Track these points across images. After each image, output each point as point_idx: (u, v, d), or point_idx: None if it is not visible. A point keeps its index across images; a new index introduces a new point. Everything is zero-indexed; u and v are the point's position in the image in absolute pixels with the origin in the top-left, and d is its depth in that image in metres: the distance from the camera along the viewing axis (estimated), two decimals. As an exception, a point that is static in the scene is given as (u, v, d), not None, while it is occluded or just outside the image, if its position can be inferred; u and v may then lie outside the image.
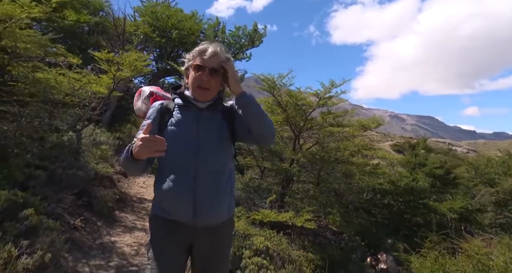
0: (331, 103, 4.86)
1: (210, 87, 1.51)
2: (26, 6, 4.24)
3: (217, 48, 1.51)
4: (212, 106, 1.57)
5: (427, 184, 6.88)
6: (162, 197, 1.51)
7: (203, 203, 1.47)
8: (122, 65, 6.44)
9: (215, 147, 1.54)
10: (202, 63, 1.49)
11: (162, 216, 1.52)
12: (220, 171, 1.55)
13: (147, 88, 1.84)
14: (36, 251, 2.87)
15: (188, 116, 1.55)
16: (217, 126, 1.57)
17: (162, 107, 1.59)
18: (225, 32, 15.51)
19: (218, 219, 1.54)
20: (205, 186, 1.48)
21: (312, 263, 3.60)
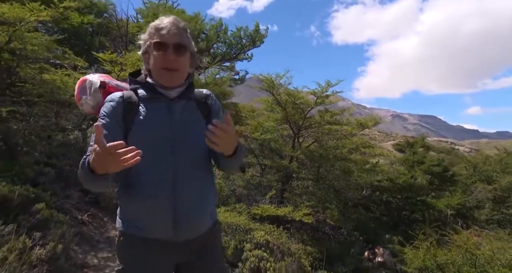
0: (328, 102, 5.02)
1: (178, 67, 1.24)
2: (35, 9, 4.41)
3: (174, 18, 1.25)
4: (185, 94, 1.30)
5: (425, 182, 7.01)
6: (134, 210, 1.24)
7: (184, 214, 1.23)
8: (125, 65, 6.61)
9: (195, 145, 1.27)
10: (163, 40, 1.20)
11: (135, 234, 1.24)
12: (202, 174, 1.30)
13: (95, 78, 1.44)
14: (48, 242, 3.04)
15: (158, 110, 1.25)
16: (194, 119, 1.31)
17: (124, 101, 1.24)
18: (227, 32, 15.68)
19: (201, 230, 1.31)
20: (186, 194, 1.23)
21: (311, 255, 3.75)
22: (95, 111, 1.40)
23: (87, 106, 1.44)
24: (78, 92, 1.45)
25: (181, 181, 1.22)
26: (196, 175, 1.28)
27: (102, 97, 1.36)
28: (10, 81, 4.92)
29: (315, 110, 5.28)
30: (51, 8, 4.98)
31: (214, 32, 15.19)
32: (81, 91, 1.44)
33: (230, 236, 3.98)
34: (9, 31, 4.40)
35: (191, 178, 1.25)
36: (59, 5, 5.00)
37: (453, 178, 7.41)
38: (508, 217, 6.36)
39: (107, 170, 0.98)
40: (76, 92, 1.46)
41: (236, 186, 5.09)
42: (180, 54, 1.23)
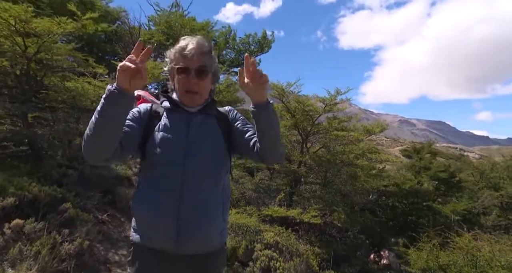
0: (336, 109, 5.22)
1: (199, 90, 1.31)
2: (62, 22, 4.74)
3: (198, 41, 1.29)
4: (205, 109, 1.37)
5: (432, 187, 7.11)
6: (141, 219, 1.27)
7: (188, 224, 1.22)
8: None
9: (206, 158, 1.30)
10: (186, 65, 1.27)
11: (142, 244, 1.27)
12: (211, 187, 1.30)
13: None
14: (75, 239, 3.30)
15: (178, 121, 1.33)
16: (211, 133, 1.35)
17: (150, 111, 1.35)
18: (236, 39, 16.02)
19: (206, 246, 1.28)
20: (191, 204, 1.23)
21: (318, 256, 3.92)
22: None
23: None
24: None
25: (188, 191, 1.23)
26: (205, 188, 1.28)
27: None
28: (36, 89, 5.25)
29: (324, 117, 5.48)
30: (74, 20, 5.33)
31: (223, 39, 15.56)
32: None
33: (241, 236, 4.17)
34: (38, 43, 4.74)
35: (199, 190, 1.26)
36: (82, 17, 5.33)
37: (459, 184, 7.49)
38: None
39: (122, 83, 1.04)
40: None
41: (245, 189, 5.31)
42: (201, 78, 1.29)
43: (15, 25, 4.39)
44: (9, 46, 4.67)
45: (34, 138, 4.92)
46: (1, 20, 4.36)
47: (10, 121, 5.21)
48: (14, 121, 5.22)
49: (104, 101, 1.07)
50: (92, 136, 1.11)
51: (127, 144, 1.22)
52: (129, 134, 1.24)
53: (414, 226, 6.12)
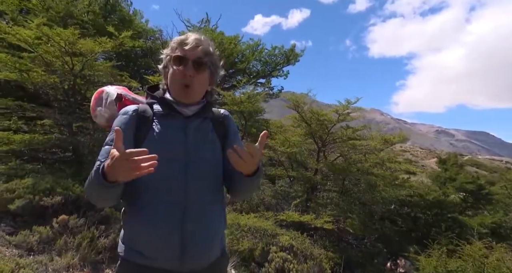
0: (350, 118, 5.38)
1: (195, 83, 1.19)
2: (103, 42, 5.40)
3: (201, 36, 1.23)
4: (201, 112, 1.26)
5: (458, 199, 6.89)
6: (138, 234, 1.13)
7: (193, 242, 1.13)
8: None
9: (207, 166, 1.21)
10: (184, 54, 1.18)
11: (137, 261, 1.13)
12: (214, 196, 1.23)
13: (112, 90, 1.41)
14: (110, 234, 3.75)
15: (172, 127, 1.20)
16: (209, 138, 1.25)
17: (138, 115, 1.19)
18: (263, 51, 16.50)
19: (210, 260, 1.20)
20: (196, 218, 1.14)
21: (332, 261, 4.06)
22: (109, 124, 1.34)
23: (101, 118, 1.40)
24: (94, 103, 1.41)
25: (192, 205, 1.14)
26: (208, 198, 1.20)
27: (118, 110, 1.31)
28: (80, 102, 5.95)
29: (341, 125, 5.65)
30: (112, 39, 6.01)
31: (251, 51, 16.12)
32: (97, 103, 1.40)
33: (258, 239, 4.41)
34: (83, 61, 5.43)
35: (203, 201, 1.18)
36: (119, 36, 6.01)
37: (489, 197, 7.18)
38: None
39: (117, 178, 0.94)
40: (92, 103, 1.41)
41: (265, 195, 5.56)
42: (199, 71, 1.19)
43: (65, 47, 5.09)
44: (60, 65, 5.40)
45: (77, 145, 5.58)
46: (54, 43, 5.08)
47: (58, 130, 5.93)
48: (61, 130, 5.93)
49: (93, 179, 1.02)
50: (92, 198, 1.11)
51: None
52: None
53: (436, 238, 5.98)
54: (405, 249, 5.00)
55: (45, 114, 5.63)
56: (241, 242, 4.31)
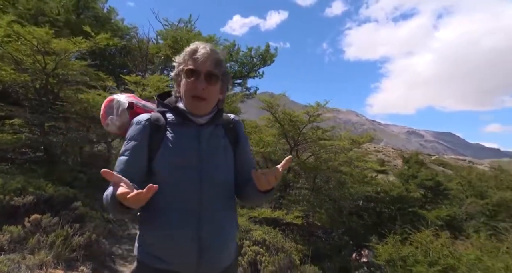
0: (320, 120, 5.73)
1: (207, 96, 1.22)
2: (78, 42, 5.38)
3: (212, 48, 1.24)
4: (213, 120, 1.28)
5: (419, 194, 7.46)
6: (157, 239, 1.16)
7: (209, 248, 1.16)
8: (147, 86, 7.55)
9: (221, 172, 1.24)
10: (195, 67, 1.20)
11: (154, 265, 1.16)
12: (227, 202, 1.26)
13: (123, 98, 1.43)
14: (85, 232, 3.79)
15: (186, 135, 1.23)
16: (221, 145, 1.29)
17: (151, 124, 1.22)
18: (239, 53, 16.68)
19: (224, 264, 1.24)
20: (211, 224, 1.18)
21: (301, 253, 4.34)
22: (121, 132, 1.39)
23: (113, 127, 1.42)
24: (104, 111, 1.43)
25: (206, 212, 1.17)
26: (221, 205, 1.23)
27: (130, 118, 1.34)
28: (52, 101, 5.87)
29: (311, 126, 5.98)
30: (87, 38, 5.97)
31: (228, 52, 16.24)
32: (107, 111, 1.43)
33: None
34: (56, 60, 5.38)
35: (216, 208, 1.20)
36: (96, 37, 5.99)
37: (445, 192, 7.82)
38: (498, 230, 6.69)
39: (131, 207, 0.96)
40: (103, 112, 1.44)
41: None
42: (211, 83, 1.21)
43: (37, 46, 5.03)
44: (31, 63, 5.32)
45: (49, 145, 5.51)
46: (26, 41, 5.01)
47: (29, 130, 5.82)
48: (32, 130, 5.82)
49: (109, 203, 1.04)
50: (111, 212, 1.17)
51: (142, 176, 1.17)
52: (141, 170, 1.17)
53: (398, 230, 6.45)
54: (369, 241, 5.39)
55: (15, 113, 5.50)
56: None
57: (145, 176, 1.18)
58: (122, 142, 1.27)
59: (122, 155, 1.20)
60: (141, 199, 0.91)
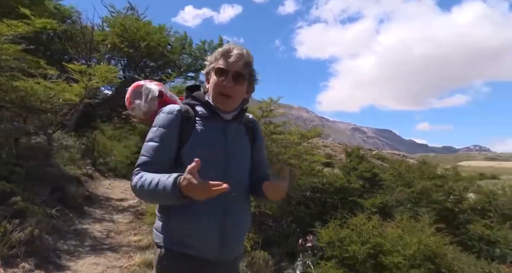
0: (272, 115, 6.05)
1: (233, 94, 1.29)
2: (13, 25, 4.90)
3: (243, 50, 1.31)
4: (238, 117, 1.36)
5: (359, 185, 8.28)
6: (185, 228, 1.23)
7: (231, 237, 1.26)
8: (94, 75, 7.13)
9: (243, 166, 1.35)
10: (226, 67, 1.27)
11: (180, 251, 1.24)
12: (246, 195, 1.36)
13: (154, 86, 1.50)
14: (26, 228, 3.58)
15: (214, 129, 1.30)
16: (243, 141, 1.39)
17: (182, 115, 1.28)
18: (192, 45, 16.37)
19: (237, 254, 1.35)
20: (234, 217, 1.27)
21: (252, 240, 4.60)
22: (146, 118, 1.47)
23: (139, 111, 1.48)
24: (131, 95, 1.49)
25: (230, 205, 1.24)
26: (242, 198, 1.31)
27: (158, 106, 1.42)
28: (-19, 87, 5.27)
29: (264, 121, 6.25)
30: (25, 21, 5.45)
31: (180, 44, 15.85)
32: (134, 96, 1.48)
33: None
34: (-13, 43, 4.84)
35: (238, 201, 1.28)
36: (35, 20, 5.50)
37: (380, 183, 8.80)
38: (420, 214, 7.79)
39: (190, 196, 1.04)
40: (129, 95, 1.50)
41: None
42: (238, 83, 1.28)
43: (-36, 26, 4.49)
44: (-44, 45, 4.72)
45: (-20, 136, 4.97)
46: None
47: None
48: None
49: (165, 192, 1.09)
50: (148, 200, 1.33)
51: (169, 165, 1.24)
52: (169, 158, 1.25)
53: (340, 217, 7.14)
54: (314, 227, 5.89)
55: None
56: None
57: (171, 166, 1.22)
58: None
59: (151, 141, 1.25)
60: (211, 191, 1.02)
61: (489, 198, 9.64)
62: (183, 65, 16.25)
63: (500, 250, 7.97)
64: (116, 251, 4.11)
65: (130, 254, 4.09)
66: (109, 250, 4.11)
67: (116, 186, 8.28)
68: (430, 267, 3.30)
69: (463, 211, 9.54)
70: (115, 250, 4.14)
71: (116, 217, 5.63)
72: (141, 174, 1.19)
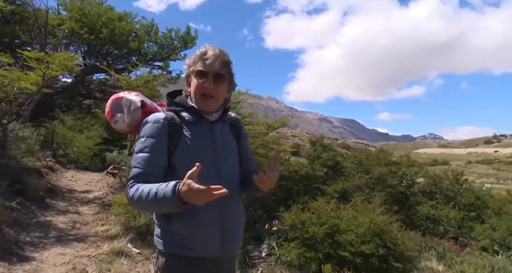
0: (240, 106, 6.22)
1: (215, 94, 1.32)
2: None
3: (219, 50, 1.34)
4: (222, 117, 1.39)
5: (322, 173, 8.80)
6: (186, 231, 1.26)
7: (230, 236, 1.32)
8: (52, 64, 6.78)
9: (232, 165, 1.39)
10: (205, 68, 1.30)
11: (181, 254, 1.28)
12: (239, 193, 1.41)
13: (134, 97, 1.49)
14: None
15: (202, 133, 1.33)
16: (230, 140, 1.42)
17: (168, 123, 1.30)
18: (158, 33, 15.80)
19: (238, 246, 1.41)
20: (231, 214, 1.32)
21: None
22: (130, 129, 1.48)
23: (123, 124, 1.47)
24: (111, 109, 1.48)
25: (226, 205, 1.28)
26: (235, 195, 1.35)
27: (141, 116, 1.41)
28: None
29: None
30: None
31: (145, 32, 15.24)
32: (115, 109, 1.47)
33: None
34: None
35: (232, 201, 1.32)
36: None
37: (342, 170, 9.41)
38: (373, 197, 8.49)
39: (190, 201, 1.06)
40: (109, 109, 1.48)
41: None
42: (218, 83, 1.30)
43: None
44: None
45: None
46: None
47: None
48: None
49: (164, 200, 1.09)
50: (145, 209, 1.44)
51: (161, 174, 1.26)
52: (161, 167, 1.26)
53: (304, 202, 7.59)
54: (280, 213, 6.24)
55: None
56: (138, 218, 4.58)
57: (164, 174, 1.26)
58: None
59: (141, 152, 1.26)
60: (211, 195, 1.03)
61: (435, 182, 10.70)
62: (149, 53, 15.70)
63: (443, 227, 8.97)
64: (83, 241, 4.11)
65: (98, 243, 4.11)
66: (76, 241, 4.10)
67: (80, 178, 8.04)
68: (378, 242, 3.74)
69: (414, 194, 10.52)
70: (82, 241, 4.14)
71: (82, 209, 5.55)
72: (137, 186, 1.20)
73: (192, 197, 1.04)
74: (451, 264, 5.46)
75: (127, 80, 7.08)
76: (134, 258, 3.94)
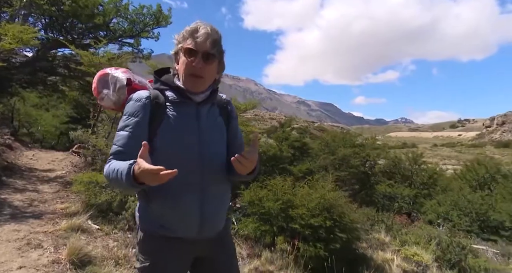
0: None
1: (204, 75, 1.26)
2: None
3: (211, 28, 1.27)
4: (210, 99, 1.34)
5: (290, 154, 9.10)
6: (162, 210, 1.25)
7: (210, 218, 1.30)
8: (5, 35, 6.39)
9: (218, 148, 1.33)
10: (195, 47, 1.23)
11: (159, 233, 1.28)
12: (224, 178, 1.35)
13: (121, 74, 1.44)
14: None
15: (186, 114, 1.29)
16: (217, 122, 1.37)
17: (151, 101, 1.26)
18: (128, 8, 15.03)
19: (217, 230, 1.38)
20: (212, 199, 1.30)
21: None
22: (116, 107, 1.44)
23: (109, 101, 1.43)
24: (97, 85, 1.44)
25: (207, 184, 1.26)
26: (220, 179, 1.32)
27: (127, 94, 1.37)
28: None
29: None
30: None
31: (114, 6, 14.43)
32: (101, 85, 1.44)
33: (116, 193, 4.77)
34: None
35: (215, 181, 1.30)
36: None
37: (309, 151, 9.77)
38: (341, 177, 8.98)
39: (145, 182, 1.03)
40: (95, 85, 1.45)
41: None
42: (208, 63, 1.25)
43: None
44: None
45: None
46: None
47: None
48: None
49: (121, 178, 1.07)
50: (117, 189, 1.42)
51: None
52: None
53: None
54: (239, 190, 6.46)
55: None
56: (99, 196, 4.61)
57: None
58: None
59: (122, 130, 1.24)
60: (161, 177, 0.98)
61: (395, 163, 11.41)
62: (118, 29, 14.95)
63: (398, 204, 9.71)
64: (40, 218, 4.10)
65: (56, 220, 4.13)
66: (32, 218, 4.09)
67: (42, 157, 7.83)
68: (326, 216, 4.06)
69: (375, 174, 11.18)
70: (39, 218, 4.12)
71: (41, 187, 5.48)
72: (110, 162, 1.19)
73: (145, 177, 1.02)
74: (397, 235, 6.02)
75: (88, 56, 6.80)
76: (93, 233, 4.00)
